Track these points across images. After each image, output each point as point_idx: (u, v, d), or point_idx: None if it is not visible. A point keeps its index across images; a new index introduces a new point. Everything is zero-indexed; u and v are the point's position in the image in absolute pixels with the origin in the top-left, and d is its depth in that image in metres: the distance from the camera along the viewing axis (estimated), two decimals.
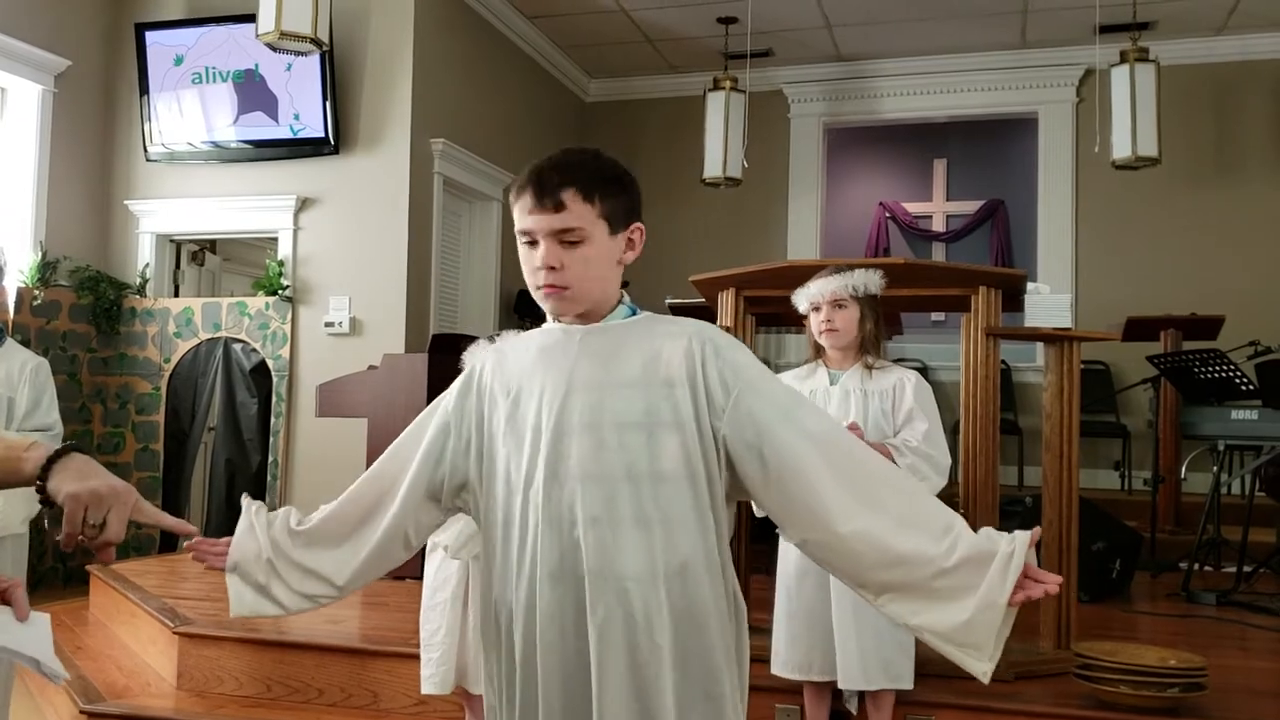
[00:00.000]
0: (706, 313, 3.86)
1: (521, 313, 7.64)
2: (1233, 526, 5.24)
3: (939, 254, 9.71)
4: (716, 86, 7.64)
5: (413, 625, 3.25)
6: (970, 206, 9.67)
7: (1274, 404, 4.66)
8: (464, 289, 7.44)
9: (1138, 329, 6.30)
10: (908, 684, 2.82)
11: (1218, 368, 5.03)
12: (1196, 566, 4.99)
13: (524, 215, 1.60)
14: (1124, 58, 6.85)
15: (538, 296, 1.61)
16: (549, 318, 1.66)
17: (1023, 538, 1.46)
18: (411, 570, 4.74)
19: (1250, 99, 7.72)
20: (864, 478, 1.52)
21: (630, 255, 1.66)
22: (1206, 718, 2.90)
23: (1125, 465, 7.30)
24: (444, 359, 4.99)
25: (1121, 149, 6.85)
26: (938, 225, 9.82)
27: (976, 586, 1.43)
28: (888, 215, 9.81)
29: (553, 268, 1.56)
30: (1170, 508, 6.11)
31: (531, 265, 1.59)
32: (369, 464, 5.31)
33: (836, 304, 2.93)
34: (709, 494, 1.54)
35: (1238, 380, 5.01)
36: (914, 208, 9.85)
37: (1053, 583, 1.43)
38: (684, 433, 1.53)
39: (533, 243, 1.59)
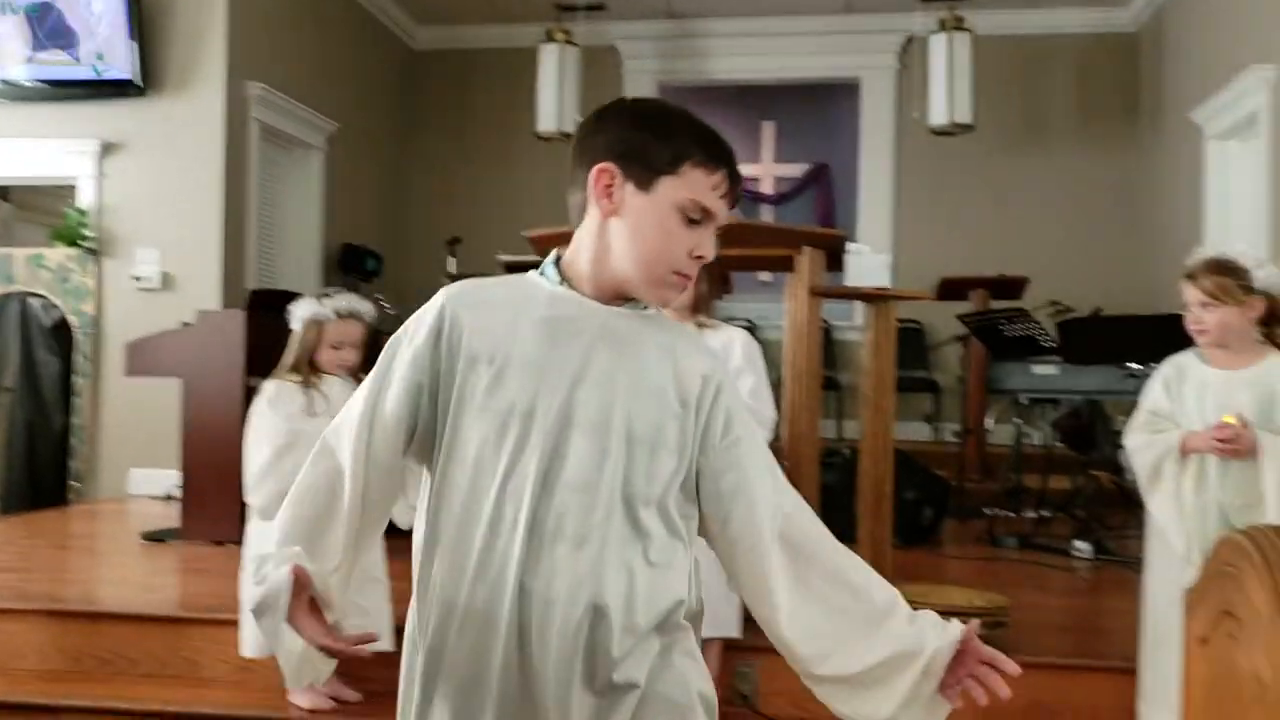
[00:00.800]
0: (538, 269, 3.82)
1: (347, 268, 7.42)
2: (1034, 475, 5.58)
3: (767, 216, 9.89)
4: (550, 39, 7.55)
5: (235, 591, 3.15)
6: (797, 169, 9.88)
7: (1073, 360, 4.96)
8: (284, 243, 7.17)
9: (950, 288, 6.59)
10: (735, 632, 2.89)
11: (1022, 326, 5.32)
12: (1000, 513, 5.29)
13: (711, 195, 1.38)
14: (942, 26, 7.11)
15: (658, 276, 1.38)
16: (601, 284, 1.41)
17: (949, 638, 1.38)
18: (231, 534, 4.60)
19: (1056, 70, 8.12)
20: (815, 571, 1.43)
21: None
22: (1007, 652, 3.07)
23: (936, 418, 7.65)
24: (263, 316, 4.82)
25: (939, 115, 7.13)
26: (766, 188, 10.00)
27: (898, 686, 1.37)
28: None
29: (703, 257, 1.39)
30: (977, 458, 6.44)
31: (684, 246, 1.37)
32: (184, 426, 5.09)
33: None
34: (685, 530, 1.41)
35: (1039, 337, 5.30)
36: (743, 169, 9.99)
37: (1000, 686, 1.35)
38: (681, 460, 1.38)
39: (693, 223, 1.37)
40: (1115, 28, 7.98)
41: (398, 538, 1.87)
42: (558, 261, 1.44)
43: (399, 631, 1.59)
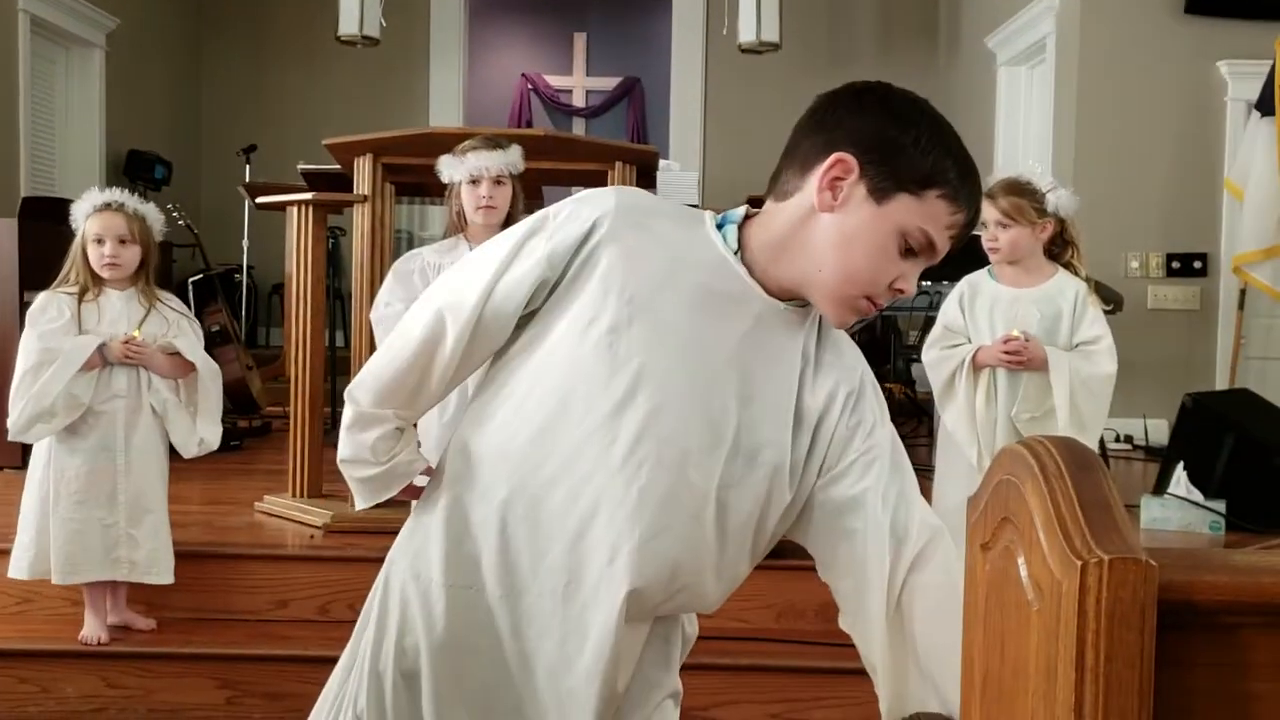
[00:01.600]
0: (343, 180, 3.69)
1: (133, 175, 6.96)
2: None
3: (579, 129, 9.85)
4: None
5: (9, 520, 2.96)
6: (609, 83, 9.84)
7: None
8: (62, 148, 6.65)
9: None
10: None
11: None
12: None
13: (944, 233, 1.21)
14: None
15: (849, 296, 1.22)
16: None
17: None
18: (10, 461, 4.32)
19: None
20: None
21: None
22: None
23: None
24: (38, 226, 4.50)
25: (747, 33, 7.17)
26: (578, 100, 9.93)
27: None
28: (530, 87, 9.80)
29: (903, 292, 1.24)
30: None
31: (890, 274, 1.21)
32: None
33: (497, 181, 2.93)
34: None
35: None
36: (555, 81, 9.89)
37: None
38: (776, 482, 1.24)
39: (910, 253, 1.21)
40: None
41: None
42: (742, 223, 1.27)
43: None
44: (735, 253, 1.24)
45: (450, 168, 2.99)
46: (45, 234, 4.49)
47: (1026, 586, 0.74)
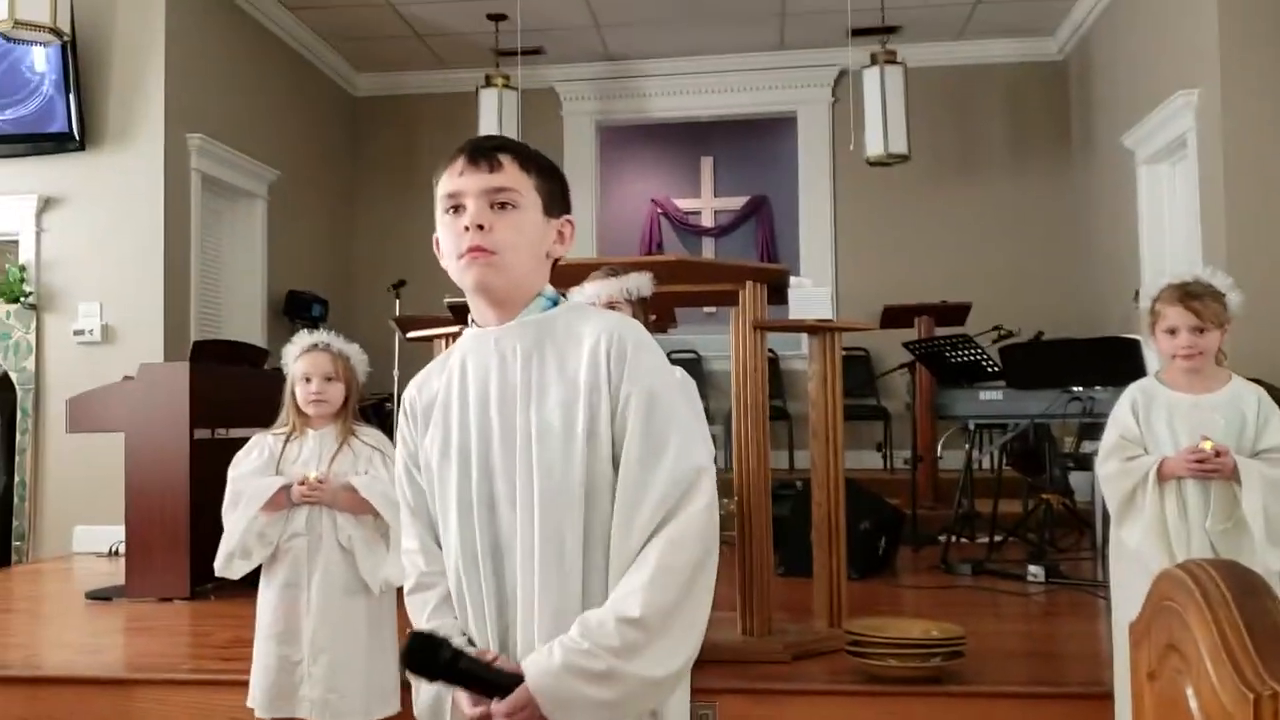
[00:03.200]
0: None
1: (292, 315, 7.36)
2: (985, 499, 5.63)
3: (709, 249, 10.01)
4: (489, 84, 7.58)
5: (183, 649, 3.09)
6: (737, 202, 10.01)
7: (1016, 385, 5.03)
8: (228, 292, 7.10)
9: (894, 317, 6.68)
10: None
11: (966, 352, 5.40)
12: (953, 539, 5.33)
13: (452, 178, 1.47)
14: (874, 60, 7.24)
15: (458, 268, 1.46)
16: (470, 299, 1.52)
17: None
18: (177, 591, 4.52)
19: (987, 99, 8.30)
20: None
21: (559, 249, 1.55)
22: (966, 682, 3.10)
23: (887, 446, 7.71)
24: (207, 367, 4.76)
25: (874, 146, 7.24)
26: (707, 221, 10.12)
27: None
28: (660, 211, 10.04)
29: (480, 226, 1.43)
30: (929, 484, 6.50)
31: (455, 231, 1.45)
32: (128, 482, 5.01)
33: (611, 306, 2.95)
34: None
35: (984, 363, 5.38)
36: (684, 204, 10.12)
37: None
38: (593, 440, 1.43)
39: (457, 208, 1.46)
40: (1043, 56, 8.17)
41: None
42: None
43: None
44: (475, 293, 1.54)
45: (573, 298, 3.05)
46: (214, 375, 4.77)
47: (1197, 719, 0.71)
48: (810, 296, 3.83)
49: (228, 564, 2.74)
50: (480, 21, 7.57)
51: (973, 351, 5.40)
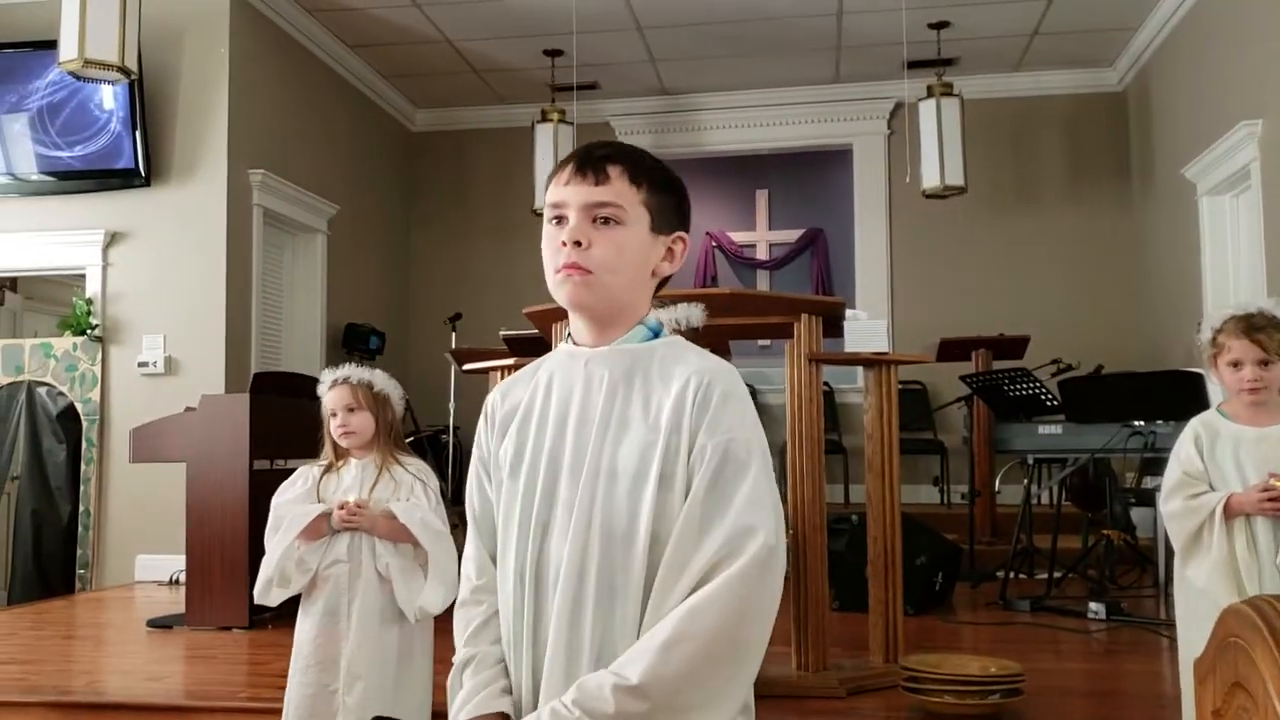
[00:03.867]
0: (541, 344, 3.86)
1: (350, 347, 7.46)
2: (1044, 535, 5.54)
3: (764, 281, 10.01)
4: (545, 118, 7.67)
5: (241, 677, 3.13)
6: (792, 235, 10.01)
7: (1075, 418, 4.96)
8: (288, 325, 7.22)
9: (951, 350, 6.62)
10: None
11: (1025, 385, 5.33)
12: (1012, 575, 5.25)
13: (558, 187, 1.40)
14: (930, 92, 7.22)
15: (554, 282, 1.40)
16: (570, 314, 1.46)
17: None
18: (237, 620, 4.58)
19: (1044, 131, 8.23)
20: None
21: (667, 266, 1.45)
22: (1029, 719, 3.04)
23: (943, 480, 7.63)
24: (267, 399, 4.84)
25: (930, 179, 7.22)
26: (761, 253, 10.12)
27: None
28: (714, 244, 10.06)
29: (579, 243, 1.37)
30: (986, 520, 6.41)
31: (555, 244, 1.39)
32: (189, 511, 5.09)
33: None
34: None
35: (1043, 397, 5.31)
36: (739, 237, 10.13)
37: None
38: (671, 489, 1.34)
39: (561, 219, 1.40)
40: (1102, 88, 8.10)
41: None
42: None
43: None
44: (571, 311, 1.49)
45: None
46: (273, 406, 4.84)
47: None
48: (866, 329, 3.80)
49: (266, 591, 2.76)
50: (537, 57, 7.67)
51: (1031, 385, 5.33)
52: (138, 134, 6.10)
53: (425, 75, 8.17)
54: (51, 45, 5.38)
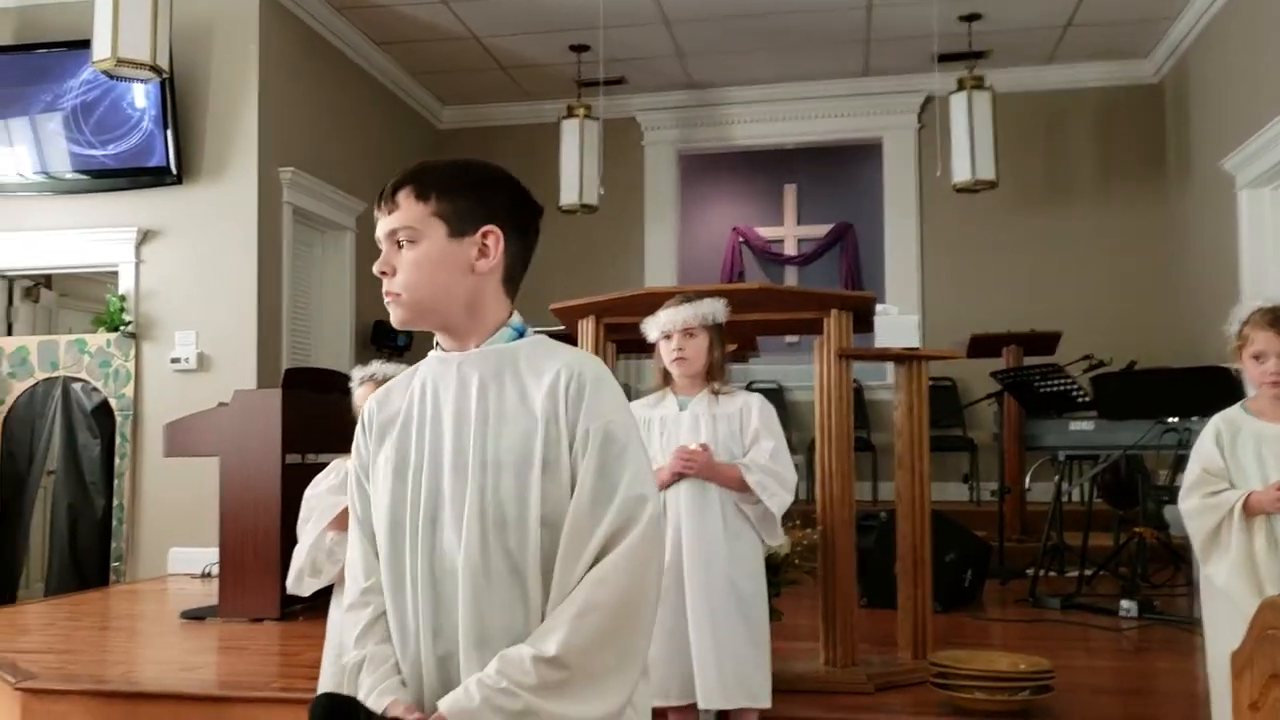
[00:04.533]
0: (568, 340, 3.86)
1: (379, 344, 7.50)
2: (1074, 532, 5.50)
3: (791, 277, 9.97)
4: (571, 114, 7.68)
5: (273, 668, 3.15)
6: (820, 230, 9.96)
7: (1107, 414, 4.92)
8: (318, 321, 7.27)
9: (981, 346, 6.57)
10: (765, 702, 2.85)
11: (1056, 381, 5.29)
12: (1042, 572, 5.21)
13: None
14: (961, 85, 7.17)
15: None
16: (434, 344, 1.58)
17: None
18: (268, 612, 4.62)
19: (1077, 124, 8.16)
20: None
21: (485, 263, 1.51)
22: (1055, 718, 3.02)
23: (973, 477, 7.58)
24: (298, 394, 4.87)
25: (961, 173, 7.17)
26: (790, 249, 10.08)
27: None
28: (741, 240, 10.03)
29: (384, 272, 1.49)
30: (1016, 517, 6.36)
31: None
32: (222, 505, 5.14)
33: (687, 333, 2.93)
34: None
35: (1074, 393, 5.26)
36: (766, 232, 10.10)
37: None
38: (556, 475, 1.43)
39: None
40: (1137, 79, 8.01)
41: None
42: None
43: None
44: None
45: (648, 327, 3.05)
46: (304, 401, 4.88)
47: None
48: (896, 325, 3.77)
49: (299, 581, 2.79)
50: (563, 53, 7.68)
51: (1062, 381, 5.29)
52: (169, 132, 6.15)
53: (452, 72, 8.19)
54: (84, 45, 5.45)
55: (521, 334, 1.55)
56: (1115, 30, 7.41)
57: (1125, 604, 4.60)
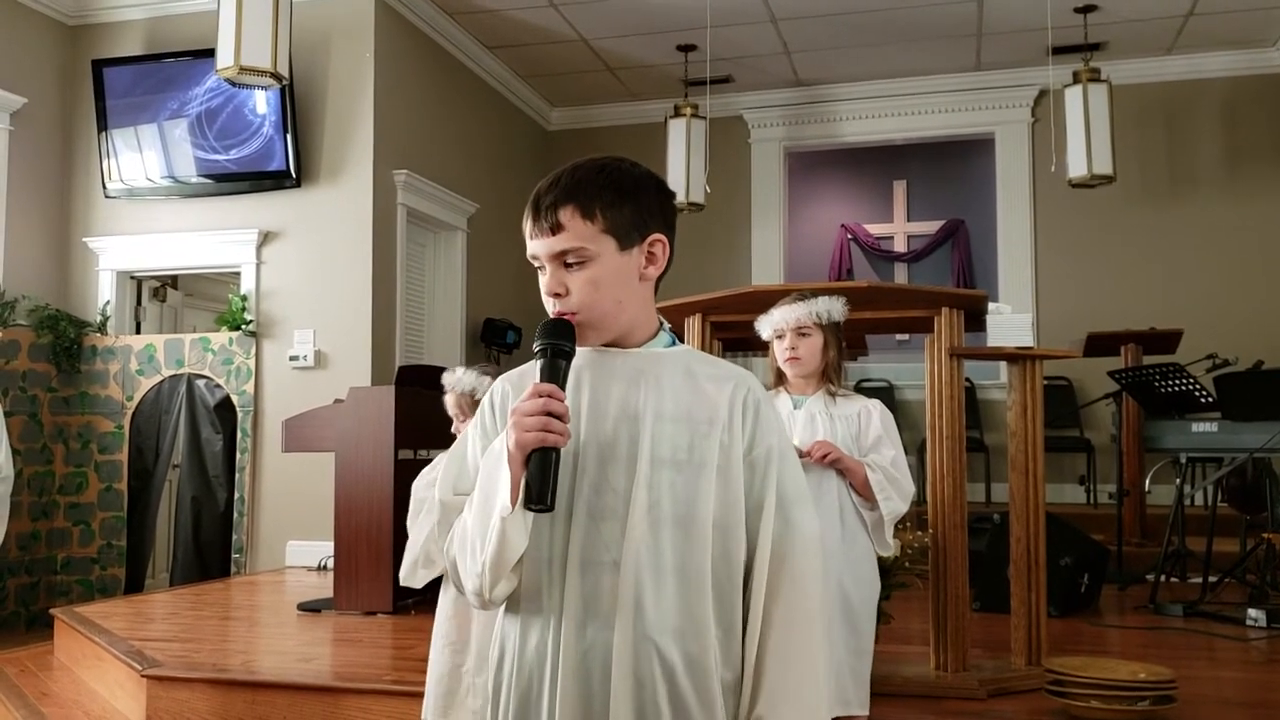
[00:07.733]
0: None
1: (488, 342, 7.63)
2: (1197, 537, 5.30)
3: (901, 274, 9.82)
4: (678, 113, 7.70)
5: (385, 660, 3.23)
6: (931, 227, 9.79)
7: (1232, 416, 4.73)
8: (430, 320, 7.42)
9: (1098, 344, 6.38)
10: (861, 710, 2.80)
11: (1177, 381, 5.11)
12: (1163, 578, 5.04)
13: (530, 240, 1.51)
14: (1076, 78, 6.98)
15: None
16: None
17: None
18: (381, 605, 4.73)
19: (1200, 116, 7.87)
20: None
21: (653, 270, 1.50)
22: None
23: (1090, 480, 7.37)
24: (411, 391, 4.98)
25: (1077, 168, 6.97)
26: (899, 246, 9.93)
27: None
28: (850, 237, 9.92)
29: (558, 294, 1.47)
30: (1135, 520, 6.17)
31: (543, 290, 1.50)
32: (337, 499, 5.27)
33: (800, 332, 2.88)
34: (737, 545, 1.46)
35: (1197, 393, 5.08)
36: (875, 229, 9.96)
37: None
38: (726, 477, 1.44)
39: (543, 268, 1.50)
40: (1263, 68, 7.70)
41: None
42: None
43: None
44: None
45: (761, 325, 3.02)
46: (417, 398, 4.98)
47: None
48: (1009, 323, 3.69)
49: (412, 573, 2.81)
50: (670, 53, 7.70)
51: (1184, 381, 5.11)
52: (289, 137, 6.35)
53: (561, 74, 8.28)
54: (209, 54, 5.67)
55: (674, 343, 1.54)
56: (1239, 18, 7.13)
57: (1253, 613, 4.42)
